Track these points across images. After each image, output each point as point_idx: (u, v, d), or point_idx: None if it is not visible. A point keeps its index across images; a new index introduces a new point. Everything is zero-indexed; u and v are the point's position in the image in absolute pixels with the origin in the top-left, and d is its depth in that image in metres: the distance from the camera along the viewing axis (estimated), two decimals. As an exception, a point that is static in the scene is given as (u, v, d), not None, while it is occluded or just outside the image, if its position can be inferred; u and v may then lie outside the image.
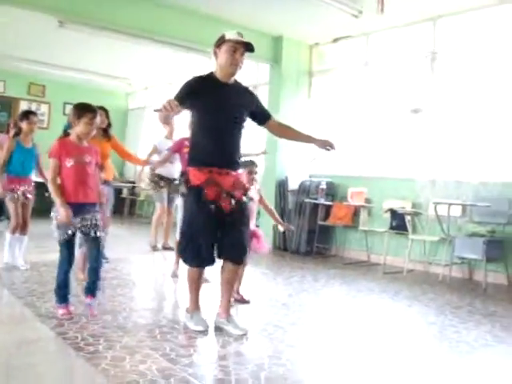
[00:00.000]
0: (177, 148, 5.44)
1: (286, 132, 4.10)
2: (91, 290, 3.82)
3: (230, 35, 3.60)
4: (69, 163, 3.65)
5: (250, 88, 7.75)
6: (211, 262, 3.64)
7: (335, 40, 8.17)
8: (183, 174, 5.03)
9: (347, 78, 8.19)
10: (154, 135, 10.13)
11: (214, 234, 3.59)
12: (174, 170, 6.53)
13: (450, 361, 3.31)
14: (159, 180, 7.09)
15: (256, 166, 4.33)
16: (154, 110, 3.33)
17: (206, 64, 8.24)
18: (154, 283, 5.42)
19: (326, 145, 3.89)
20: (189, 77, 3.72)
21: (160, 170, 7.02)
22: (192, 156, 3.68)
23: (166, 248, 7.28)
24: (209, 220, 3.53)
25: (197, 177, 3.54)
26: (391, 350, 3.46)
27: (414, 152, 7.14)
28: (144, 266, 6.36)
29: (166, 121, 6.47)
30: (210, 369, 2.94)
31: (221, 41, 3.64)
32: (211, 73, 3.74)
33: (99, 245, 3.84)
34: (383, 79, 7.68)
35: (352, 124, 8.02)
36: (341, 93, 8.29)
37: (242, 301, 4.47)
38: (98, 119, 3.83)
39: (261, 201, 4.55)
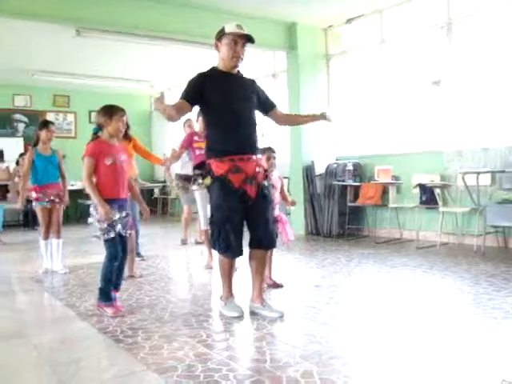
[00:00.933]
0: (186, 143, 5.52)
1: (289, 119, 4.28)
2: (118, 284, 3.95)
3: (230, 28, 3.64)
4: (108, 162, 3.76)
5: (269, 77, 7.72)
6: (241, 251, 3.67)
7: (349, 20, 8.13)
8: (200, 167, 5.11)
9: (365, 57, 8.16)
10: (179, 136, 10.24)
11: (241, 222, 3.65)
12: None
13: (485, 327, 3.30)
14: (186, 182, 7.19)
15: (274, 151, 4.37)
16: (154, 106, 3.36)
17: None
18: (189, 276, 5.53)
19: (326, 115, 3.94)
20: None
21: (182, 170, 7.14)
22: (211, 148, 3.71)
23: (198, 243, 7.43)
24: (236, 208, 3.58)
25: (220, 167, 3.59)
26: (425, 321, 3.47)
27: (438, 124, 7.08)
28: (178, 261, 6.48)
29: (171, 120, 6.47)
30: (245, 351, 3.01)
31: (221, 34, 3.68)
32: (213, 67, 3.79)
33: (126, 243, 3.97)
34: (401, 54, 7.63)
35: (374, 102, 7.99)
36: (360, 73, 8.26)
37: (275, 285, 4.54)
38: (125, 117, 3.93)
39: (281, 188, 4.60)
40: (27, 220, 10.24)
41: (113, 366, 2.87)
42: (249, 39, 3.68)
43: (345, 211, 7.58)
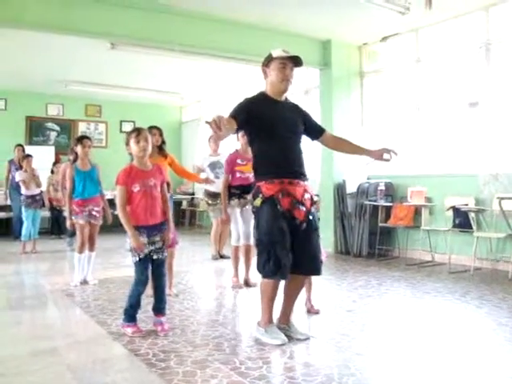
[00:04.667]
0: (230, 168, 5.44)
1: (340, 144, 4.06)
2: (161, 308, 3.93)
3: (277, 53, 3.65)
4: (135, 188, 3.76)
5: (301, 93, 7.68)
6: (288, 273, 3.58)
7: (384, 38, 8.06)
8: (237, 187, 5.15)
9: (400, 76, 8.08)
10: (202, 150, 10.27)
11: (289, 244, 3.58)
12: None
13: (526, 364, 3.21)
14: (212, 198, 7.22)
15: None
16: (206, 122, 3.13)
17: (256, 74, 8.32)
18: (218, 295, 5.46)
19: (384, 153, 3.76)
20: (241, 87, 3.76)
21: (209, 187, 7.16)
22: (261, 171, 3.69)
23: (221, 256, 7.50)
24: (285, 230, 3.55)
25: (270, 188, 3.57)
26: (463, 355, 3.38)
27: (475, 146, 6.94)
28: (208, 278, 6.45)
29: (217, 138, 6.12)
30: (279, 381, 2.94)
31: (269, 59, 3.69)
32: (262, 92, 3.78)
33: (163, 265, 3.95)
34: (437, 74, 7.52)
35: (408, 122, 7.89)
36: (394, 92, 8.18)
37: (313, 311, 4.47)
38: (146, 135, 3.87)
39: None
40: (56, 228, 10.31)
41: (146, 393, 2.84)
42: (296, 62, 3.67)
43: (375, 231, 7.48)
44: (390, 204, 7.55)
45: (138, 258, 3.76)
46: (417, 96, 7.73)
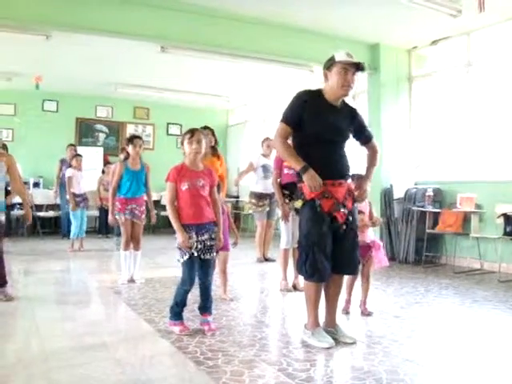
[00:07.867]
0: (278, 165, 5.45)
1: (367, 158, 3.99)
2: (207, 307, 3.95)
3: (340, 56, 3.56)
4: (183, 187, 3.80)
5: (349, 97, 7.58)
6: (327, 276, 3.60)
7: (434, 42, 7.94)
8: (287, 187, 5.15)
9: (450, 80, 7.93)
10: (253, 151, 10.31)
11: (329, 247, 3.58)
12: (270, 184, 6.77)
13: None
14: (258, 199, 7.28)
15: None
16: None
17: (305, 78, 8.31)
18: (264, 297, 5.47)
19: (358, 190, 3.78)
20: (288, 91, 3.74)
21: (256, 187, 7.22)
22: None
23: (266, 259, 7.53)
24: (325, 233, 3.54)
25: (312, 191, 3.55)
26: (516, 364, 3.30)
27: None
28: (252, 280, 6.46)
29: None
30: (327, 384, 2.93)
31: (331, 62, 3.62)
32: (320, 90, 3.71)
33: (211, 264, 3.97)
34: (488, 79, 7.35)
35: (457, 127, 7.74)
36: (444, 96, 8.03)
37: (367, 313, 4.49)
38: (200, 137, 3.88)
39: (370, 213, 4.54)
40: (104, 227, 10.47)
41: (195, 390, 2.86)
42: (358, 67, 3.60)
43: (422, 237, 7.34)
44: (438, 210, 7.41)
45: (186, 257, 3.79)
46: (467, 100, 7.57)
